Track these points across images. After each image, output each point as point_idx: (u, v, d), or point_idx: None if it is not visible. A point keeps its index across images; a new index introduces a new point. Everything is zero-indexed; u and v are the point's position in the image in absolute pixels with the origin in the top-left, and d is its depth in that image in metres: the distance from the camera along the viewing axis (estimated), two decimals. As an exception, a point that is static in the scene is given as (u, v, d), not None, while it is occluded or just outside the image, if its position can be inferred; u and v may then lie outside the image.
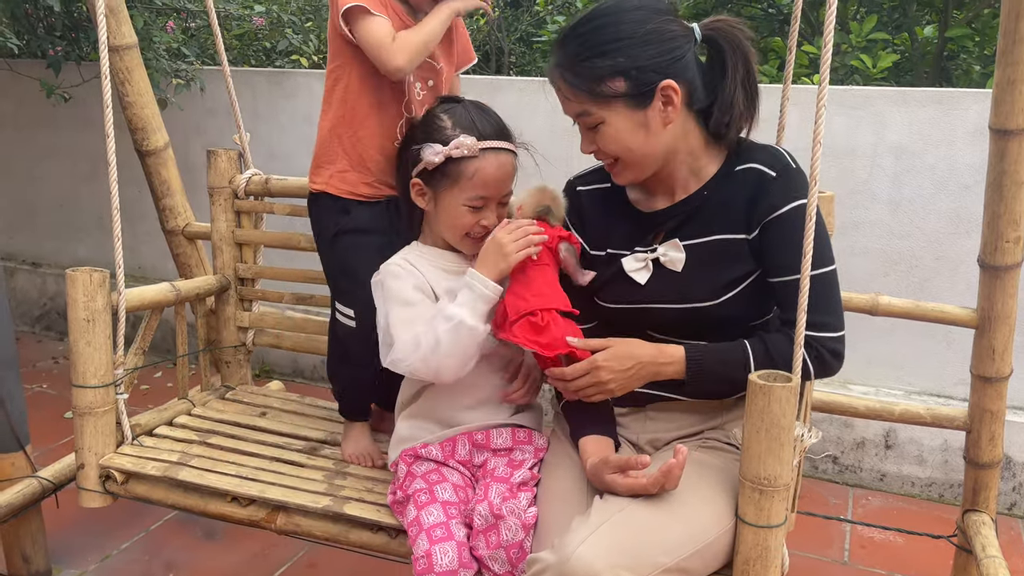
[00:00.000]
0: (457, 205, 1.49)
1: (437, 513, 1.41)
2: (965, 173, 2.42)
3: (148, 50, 2.91)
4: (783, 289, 1.37)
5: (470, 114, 1.51)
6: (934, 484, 2.54)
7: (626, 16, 1.33)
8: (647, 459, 1.30)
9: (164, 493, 1.68)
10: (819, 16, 3.67)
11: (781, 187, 1.37)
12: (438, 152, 1.46)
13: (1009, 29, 1.57)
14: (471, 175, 1.47)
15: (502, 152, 1.50)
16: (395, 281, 1.51)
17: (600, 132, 1.38)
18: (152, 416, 1.90)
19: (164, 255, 3.35)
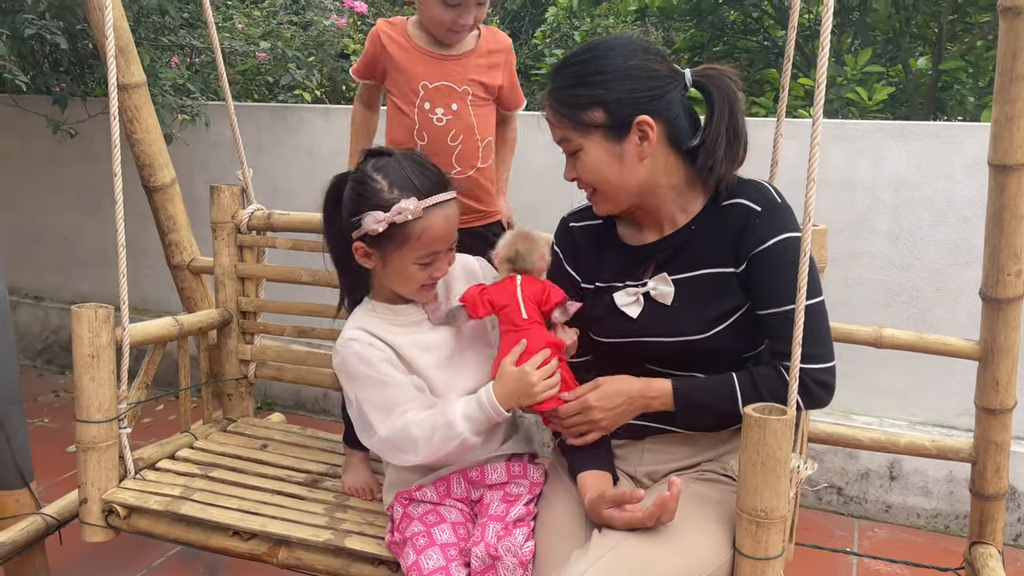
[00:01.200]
0: (407, 265, 1.45)
1: (436, 557, 1.40)
2: (963, 205, 2.45)
3: (154, 86, 2.94)
4: (771, 321, 1.40)
5: (405, 170, 1.44)
6: (940, 515, 2.53)
7: (613, 52, 1.39)
8: (642, 493, 1.32)
9: (166, 527, 1.69)
10: (814, 49, 3.72)
11: (766, 221, 1.40)
12: (380, 220, 1.40)
13: (1006, 67, 1.60)
14: (418, 235, 1.42)
15: (445, 205, 1.45)
16: (361, 365, 1.47)
17: (579, 159, 1.42)
18: (154, 450, 1.90)
19: (166, 288, 3.36)
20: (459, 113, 1.81)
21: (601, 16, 4.31)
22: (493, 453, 1.57)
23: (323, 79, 3.83)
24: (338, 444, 2.01)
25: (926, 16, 3.51)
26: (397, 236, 1.42)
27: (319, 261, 2.62)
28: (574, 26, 4.24)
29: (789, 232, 1.39)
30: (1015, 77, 1.59)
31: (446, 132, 1.82)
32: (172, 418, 3.19)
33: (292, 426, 2.15)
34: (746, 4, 3.61)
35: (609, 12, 4.26)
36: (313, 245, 2.08)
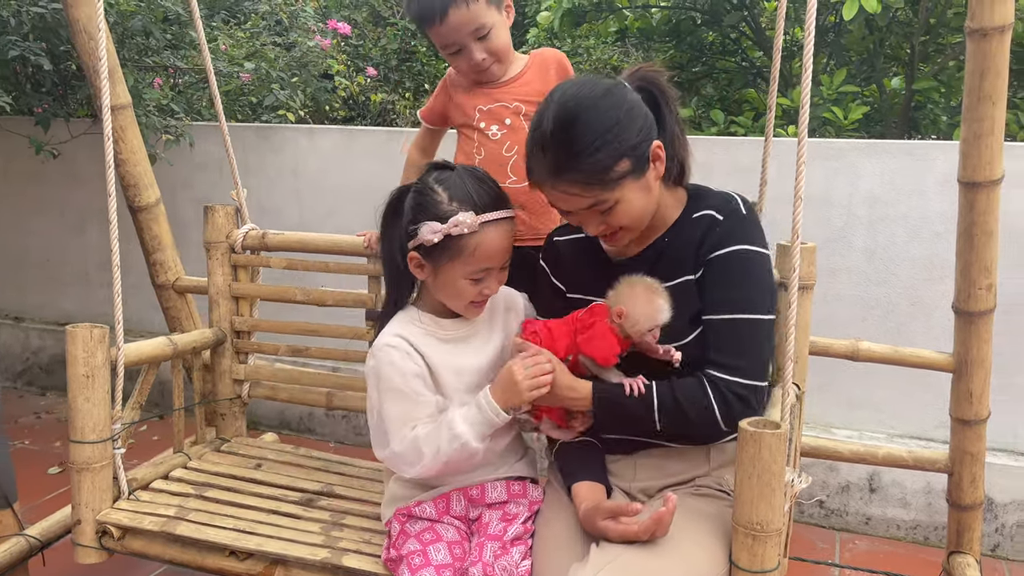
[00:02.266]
0: (458, 279, 1.47)
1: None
2: (936, 221, 2.51)
3: (138, 107, 2.96)
4: (711, 327, 1.42)
5: (466, 185, 1.46)
6: (919, 527, 2.57)
7: (600, 104, 1.36)
8: (639, 506, 1.34)
9: (161, 548, 1.69)
10: (791, 69, 3.79)
11: (726, 230, 1.44)
12: (436, 231, 1.42)
13: (973, 87, 1.66)
14: (472, 250, 1.44)
15: (501, 223, 1.47)
16: (391, 370, 1.48)
17: (614, 211, 1.40)
18: (148, 470, 1.91)
19: (149, 308, 3.36)
20: (513, 127, 1.85)
21: (582, 37, 4.37)
22: (499, 475, 1.58)
23: (307, 99, 3.85)
24: (332, 463, 2.03)
25: (899, 37, 3.60)
26: (451, 248, 1.44)
27: (313, 280, 2.65)
28: (555, 47, 4.30)
29: (748, 244, 1.42)
30: (982, 97, 1.64)
31: (500, 145, 1.86)
32: (156, 438, 3.17)
33: (286, 445, 2.16)
34: (724, 25, 3.68)
35: (590, 33, 4.32)
36: (307, 265, 2.11)
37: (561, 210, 1.44)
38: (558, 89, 1.41)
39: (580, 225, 1.46)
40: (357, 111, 4.36)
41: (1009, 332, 2.45)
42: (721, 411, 1.38)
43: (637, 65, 1.46)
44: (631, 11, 3.94)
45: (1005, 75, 1.64)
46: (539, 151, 1.38)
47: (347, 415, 3.24)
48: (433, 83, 4.58)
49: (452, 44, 1.78)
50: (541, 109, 1.40)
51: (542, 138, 1.37)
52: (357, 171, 3.21)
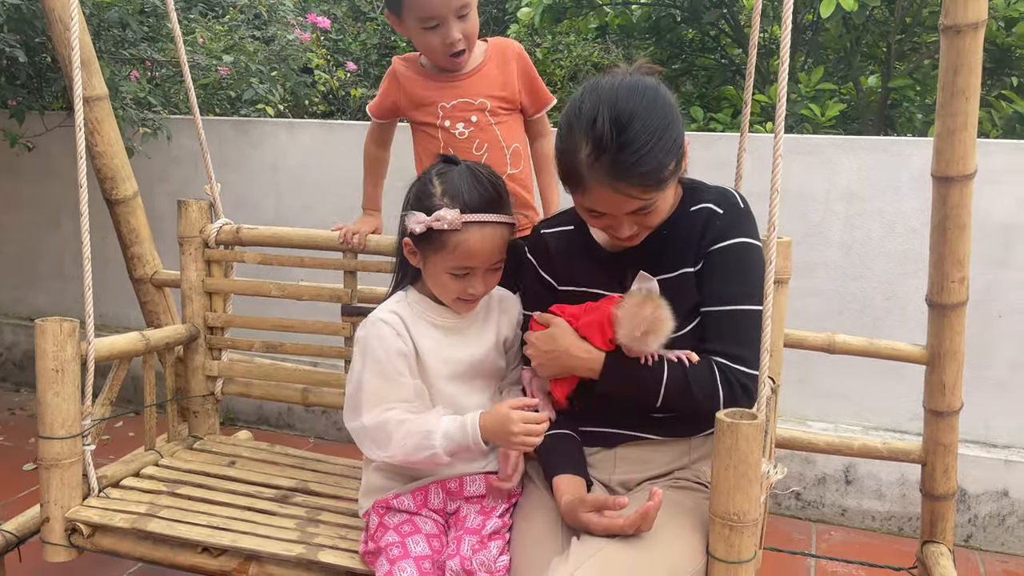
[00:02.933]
0: (441, 272, 1.49)
1: (410, 570, 1.41)
2: (911, 216, 2.54)
3: (115, 99, 2.92)
4: (711, 318, 1.44)
5: (460, 182, 1.47)
6: (893, 517, 2.60)
7: (656, 104, 1.33)
8: (625, 500, 1.34)
9: (132, 545, 1.67)
10: (769, 66, 3.82)
11: (726, 223, 1.45)
12: (420, 222, 1.45)
13: (947, 83, 1.68)
14: (452, 247, 1.46)
15: (487, 225, 1.47)
16: (377, 344, 1.49)
17: (652, 212, 1.38)
18: (118, 467, 1.88)
19: (125, 303, 3.32)
20: (479, 124, 1.84)
21: (562, 33, 4.37)
22: (478, 470, 1.58)
23: (286, 94, 3.82)
24: (307, 460, 2.02)
25: (875, 36, 3.63)
26: (435, 242, 1.47)
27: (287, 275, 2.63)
28: (536, 43, 4.30)
29: (747, 238, 1.44)
30: (956, 92, 1.66)
31: (469, 143, 1.85)
32: (132, 435, 3.15)
33: (260, 443, 2.14)
34: (704, 23, 3.69)
35: (570, 30, 4.33)
36: (282, 259, 2.10)
37: (597, 212, 1.40)
38: (603, 87, 1.35)
39: (606, 228, 1.43)
40: (337, 106, 4.34)
41: (980, 325, 2.49)
42: (725, 397, 1.40)
43: (638, 62, 1.45)
44: (611, 8, 3.95)
45: (978, 71, 1.66)
46: (594, 154, 1.32)
47: (326, 411, 3.22)
48: (413, 78, 4.56)
49: (434, 17, 1.74)
50: (588, 110, 1.33)
51: (598, 141, 1.31)
52: (336, 166, 3.19)
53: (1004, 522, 2.50)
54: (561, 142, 1.38)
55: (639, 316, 1.37)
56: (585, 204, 1.39)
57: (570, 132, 1.36)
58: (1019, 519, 2.48)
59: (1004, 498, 2.49)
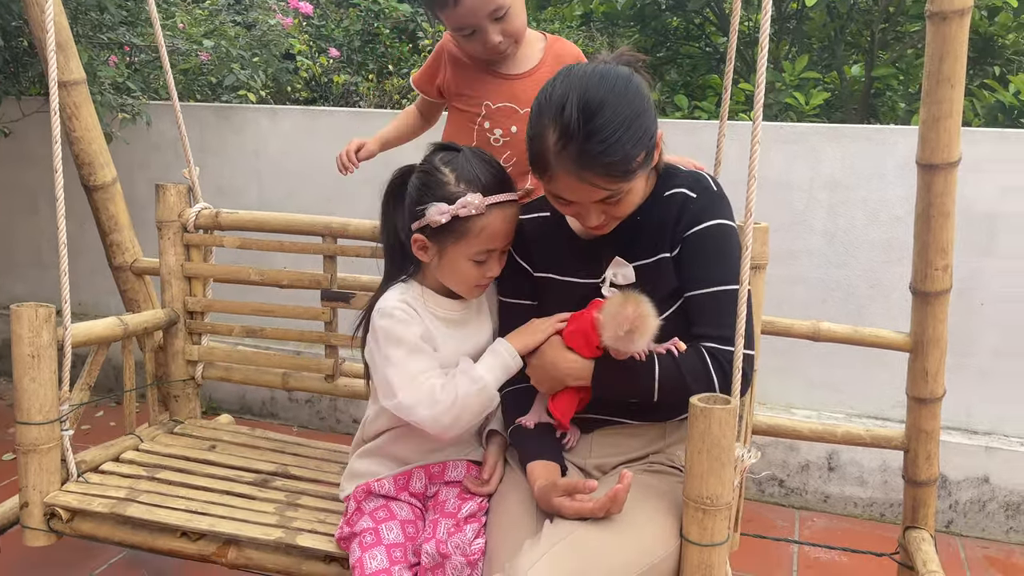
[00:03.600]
0: (463, 260, 1.46)
1: (381, 558, 1.40)
2: (895, 204, 2.55)
3: (93, 84, 2.88)
4: (695, 302, 1.43)
5: (472, 166, 1.45)
6: (875, 504, 2.62)
7: (627, 93, 1.31)
8: (594, 484, 1.34)
9: (111, 530, 1.66)
10: (754, 55, 3.82)
11: (700, 206, 1.44)
12: (444, 212, 1.41)
13: (932, 71, 1.68)
14: (478, 232, 1.43)
15: (507, 205, 1.46)
16: (399, 325, 1.46)
17: (621, 202, 1.37)
18: (98, 452, 1.87)
19: (106, 291, 3.29)
20: (518, 136, 1.76)
21: (547, 21, 4.36)
22: (462, 456, 1.58)
23: (268, 80, 3.78)
24: (288, 444, 2.00)
25: (859, 25, 3.64)
26: (457, 230, 1.43)
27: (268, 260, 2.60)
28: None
29: (722, 219, 1.43)
30: (941, 79, 1.66)
31: (500, 152, 1.77)
32: (113, 424, 3.12)
33: (241, 427, 2.12)
34: (688, 11, 3.69)
35: (555, 17, 4.31)
36: (262, 244, 2.07)
37: (564, 200, 1.39)
38: (575, 74, 1.33)
39: (575, 216, 1.43)
40: (319, 92, 4.30)
41: (962, 313, 2.51)
42: (719, 380, 1.39)
43: (619, 50, 1.43)
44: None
45: (964, 58, 1.66)
46: (561, 141, 1.30)
47: (310, 399, 3.21)
48: (397, 64, 4.53)
49: (467, 27, 1.63)
50: (557, 96, 1.31)
51: (566, 128, 1.29)
52: (319, 153, 3.16)
53: (985, 508, 2.52)
54: (530, 127, 1.36)
55: (621, 316, 1.35)
56: (552, 191, 1.38)
57: (539, 118, 1.34)
58: (999, 505, 2.51)
59: (985, 484, 2.51)
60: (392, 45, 4.64)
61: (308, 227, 2.02)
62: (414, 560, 1.43)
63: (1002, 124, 3.04)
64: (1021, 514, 2.49)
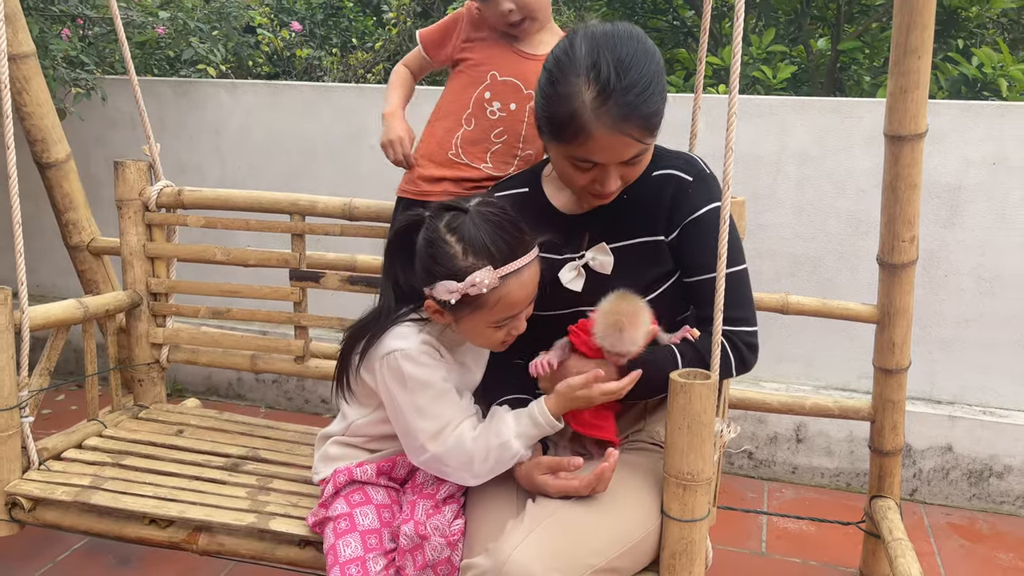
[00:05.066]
0: (483, 327, 1.37)
1: (355, 545, 1.38)
2: (861, 177, 2.56)
3: (44, 58, 2.78)
4: (700, 287, 1.43)
5: (481, 233, 1.31)
6: (841, 474, 2.66)
7: (651, 49, 1.32)
8: (579, 461, 1.33)
9: (76, 519, 1.61)
10: (722, 29, 3.80)
11: (698, 191, 1.43)
12: (453, 291, 1.31)
13: (900, 41, 1.68)
14: (494, 304, 1.33)
15: (524, 269, 1.34)
16: (424, 370, 1.38)
17: (638, 164, 1.37)
18: (60, 439, 1.81)
19: (63, 272, 3.20)
20: (514, 115, 1.73)
21: (513, -7, 4.30)
22: None
23: (228, 54, 3.69)
24: (258, 427, 1.97)
25: (825, -2, 3.65)
26: (472, 303, 1.33)
27: (232, 239, 2.54)
28: (486, 3, 4.23)
29: (718, 202, 1.42)
30: (909, 50, 1.66)
31: (492, 127, 1.74)
32: (74, 408, 3.05)
33: (208, 411, 2.08)
34: (655, -17, 3.66)
35: (521, -11, 4.25)
36: (227, 223, 2.02)
37: (588, 163, 1.34)
38: (597, 34, 1.31)
39: (590, 184, 1.38)
40: (282, 67, 4.21)
41: (926, 285, 2.54)
42: (736, 360, 1.43)
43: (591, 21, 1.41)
44: (563, -33, 3.88)
45: (931, 29, 1.66)
46: (600, 97, 1.28)
47: (277, 379, 3.16)
48: (362, 38, 4.45)
49: None
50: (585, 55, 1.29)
51: (605, 84, 1.27)
52: (282, 129, 3.10)
53: (948, 476, 2.57)
54: (555, 90, 1.31)
55: (613, 312, 1.34)
56: (580, 154, 1.33)
57: (566, 78, 1.30)
58: (962, 473, 2.56)
59: (948, 453, 2.56)
60: (356, 18, 4.56)
61: (275, 205, 1.98)
62: (390, 545, 1.40)
63: (965, 97, 3.07)
64: (983, 481, 2.55)
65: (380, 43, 4.27)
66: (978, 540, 2.38)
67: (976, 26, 3.57)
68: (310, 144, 3.09)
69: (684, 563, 1.30)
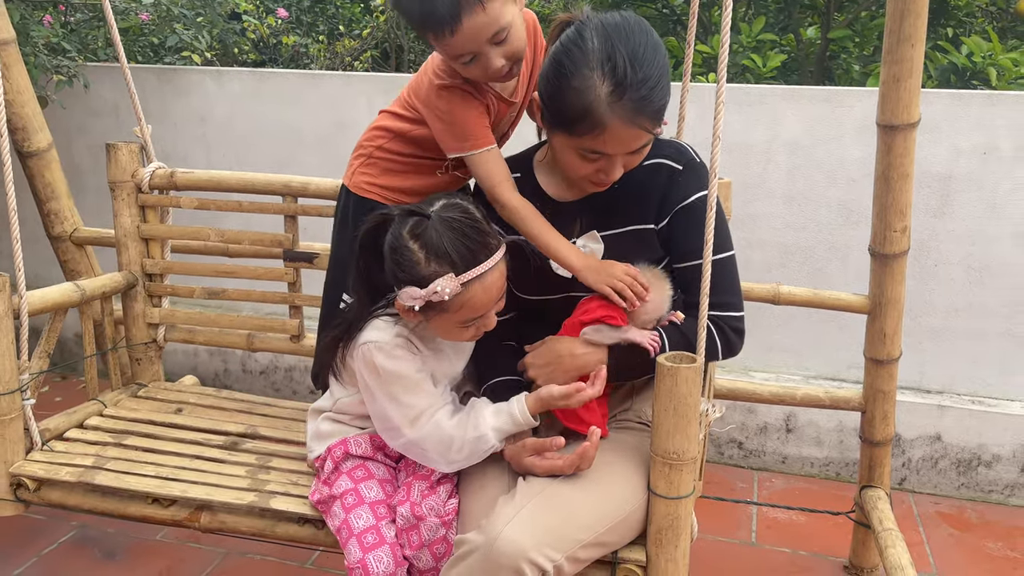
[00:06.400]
0: (451, 327, 1.40)
1: (367, 516, 1.41)
2: (852, 167, 2.55)
3: (25, 45, 2.73)
4: (689, 274, 1.45)
5: (443, 240, 1.32)
6: (831, 463, 2.67)
7: (659, 41, 1.33)
8: (561, 440, 1.37)
9: (80, 498, 1.63)
10: (711, 17, 3.78)
11: (688, 179, 1.45)
12: (416, 298, 1.33)
13: (893, 29, 1.66)
14: (459, 307, 1.35)
15: (487, 274, 1.35)
16: (398, 365, 1.41)
17: (645, 149, 1.39)
18: (62, 420, 1.83)
19: (45, 263, 3.16)
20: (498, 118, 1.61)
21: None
22: None
23: (213, 41, 3.64)
24: (256, 404, 1.98)
25: (815, -14, 3.63)
26: (436, 307, 1.35)
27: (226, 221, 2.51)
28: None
29: (707, 190, 1.42)
30: (902, 38, 1.65)
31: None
32: (59, 400, 3.02)
33: (207, 388, 2.10)
34: (645, -29, 3.63)
35: (509, -24, 4.21)
36: (220, 204, 2.02)
37: (598, 154, 1.35)
38: (609, 26, 1.31)
39: (595, 172, 1.38)
40: (268, 54, 4.16)
41: (916, 275, 2.54)
42: (722, 345, 1.46)
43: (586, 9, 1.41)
44: (552, -46, 3.84)
45: (924, 16, 1.65)
46: (617, 91, 1.28)
47: (264, 370, 3.14)
48: (349, 26, 4.40)
49: (466, 54, 1.43)
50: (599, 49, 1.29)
51: (621, 79, 1.28)
52: (268, 117, 3.06)
53: (937, 465, 2.58)
54: (567, 79, 1.30)
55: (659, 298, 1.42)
56: (591, 146, 1.34)
57: (579, 70, 1.30)
58: (951, 462, 2.56)
59: (937, 442, 2.56)
60: (343, 5, 4.50)
61: (267, 186, 1.98)
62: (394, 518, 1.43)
63: (955, 86, 3.07)
64: (972, 470, 2.55)
65: (367, 30, 4.23)
66: (967, 529, 2.39)
67: (965, 15, 3.56)
68: (297, 132, 3.05)
69: (670, 537, 1.34)
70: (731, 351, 1.47)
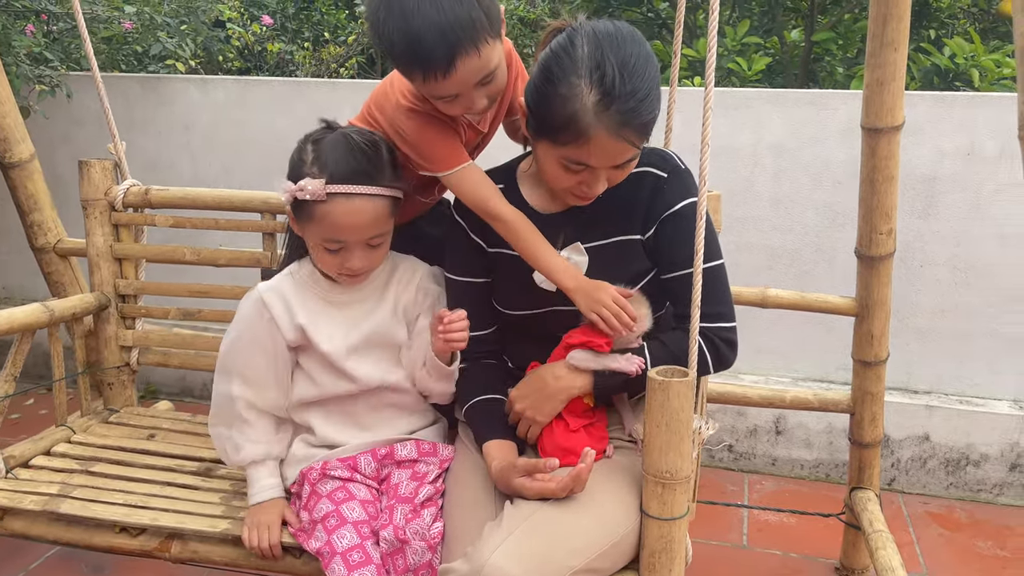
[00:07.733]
0: (316, 244, 1.44)
1: (350, 536, 1.37)
2: (837, 169, 2.56)
3: (7, 55, 2.71)
4: (677, 284, 1.41)
5: (331, 151, 1.39)
6: (821, 465, 2.67)
7: (648, 54, 1.28)
8: (555, 462, 1.31)
9: (44, 528, 1.57)
10: (696, 20, 3.80)
11: (673, 187, 1.42)
12: (286, 191, 1.39)
13: (876, 33, 1.67)
14: (320, 219, 1.39)
15: (355, 197, 1.38)
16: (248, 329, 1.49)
17: (628, 166, 1.35)
18: (27, 446, 1.77)
19: (30, 274, 3.13)
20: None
21: (486, -14, 4.25)
22: (402, 435, 1.54)
23: (197, 49, 3.62)
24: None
25: (798, -11, 3.65)
26: (305, 212, 1.40)
27: (202, 239, 2.49)
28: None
29: (694, 198, 1.41)
30: (885, 43, 1.66)
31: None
32: (44, 412, 2.99)
33: (181, 414, 2.03)
34: (629, -25, 3.65)
35: (494, -18, 4.21)
36: (196, 222, 1.98)
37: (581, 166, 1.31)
38: (600, 35, 1.27)
39: (579, 185, 1.35)
40: (253, 62, 4.15)
41: (902, 276, 2.55)
42: (713, 358, 1.41)
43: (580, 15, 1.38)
44: (536, -41, 3.85)
45: (907, 20, 1.65)
46: (604, 101, 1.24)
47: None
48: (334, 32, 4.40)
49: (452, 95, 1.37)
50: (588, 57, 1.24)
51: (609, 88, 1.24)
52: (253, 125, 3.05)
53: (925, 465, 2.59)
54: (553, 86, 1.27)
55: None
56: (574, 156, 1.30)
57: (567, 78, 1.26)
58: (939, 462, 2.57)
59: (925, 442, 2.57)
60: (328, 12, 4.50)
61: (245, 204, 1.94)
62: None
63: (938, 87, 3.09)
64: (960, 470, 2.57)
65: (353, 37, 4.22)
66: (957, 529, 2.40)
67: (947, 16, 3.59)
68: (283, 140, 3.01)
69: (664, 561, 1.29)
70: (723, 364, 1.43)
